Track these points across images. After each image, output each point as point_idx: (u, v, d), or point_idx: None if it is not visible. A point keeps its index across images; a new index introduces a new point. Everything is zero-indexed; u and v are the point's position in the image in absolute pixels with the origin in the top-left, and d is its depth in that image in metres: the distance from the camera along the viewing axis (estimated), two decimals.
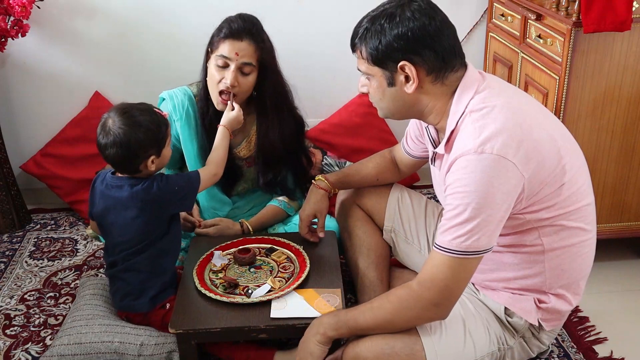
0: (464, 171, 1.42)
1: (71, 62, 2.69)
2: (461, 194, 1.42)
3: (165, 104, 2.17)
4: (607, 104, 2.05)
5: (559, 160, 1.49)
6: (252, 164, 2.25)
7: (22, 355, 1.94)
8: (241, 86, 2.03)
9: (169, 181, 1.81)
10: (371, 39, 1.49)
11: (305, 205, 2.00)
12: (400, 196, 2.01)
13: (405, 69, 1.48)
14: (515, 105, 1.51)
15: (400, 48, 1.46)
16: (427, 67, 1.48)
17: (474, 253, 1.44)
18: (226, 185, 2.23)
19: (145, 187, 1.77)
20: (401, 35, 1.46)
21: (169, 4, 2.65)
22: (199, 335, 1.68)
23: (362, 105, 2.82)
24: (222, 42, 2.01)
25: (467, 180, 1.41)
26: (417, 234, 1.97)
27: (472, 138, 1.43)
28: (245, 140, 2.22)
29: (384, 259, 1.99)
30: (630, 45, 1.98)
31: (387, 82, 1.52)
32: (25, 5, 2.35)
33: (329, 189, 2.00)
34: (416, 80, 1.49)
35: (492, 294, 1.68)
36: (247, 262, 1.90)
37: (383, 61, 1.49)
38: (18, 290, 2.25)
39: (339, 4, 2.70)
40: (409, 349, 1.57)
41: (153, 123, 1.76)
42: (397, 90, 1.52)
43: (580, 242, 1.59)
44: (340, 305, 1.71)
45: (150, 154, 1.77)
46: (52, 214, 2.78)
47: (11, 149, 2.68)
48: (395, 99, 1.55)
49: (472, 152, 1.41)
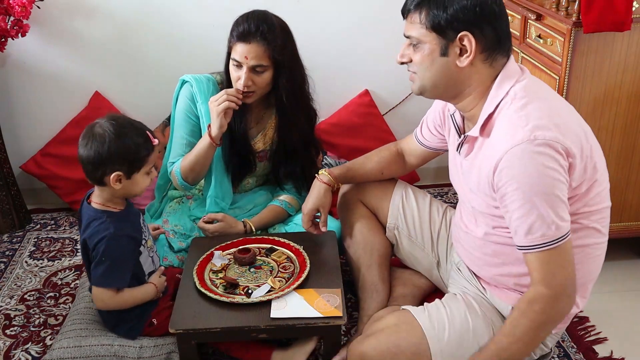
0: (520, 162, 1.41)
1: (71, 62, 2.69)
2: (527, 186, 1.41)
3: (188, 86, 2.17)
4: (607, 104, 2.05)
5: (592, 156, 1.49)
6: (264, 159, 2.25)
7: (22, 355, 1.94)
8: (257, 84, 2.05)
9: (111, 251, 1.69)
10: (435, 4, 1.47)
11: (308, 199, 1.97)
12: (405, 193, 1.99)
13: (464, 41, 1.46)
14: (553, 99, 1.53)
15: (465, 19, 1.45)
16: (484, 44, 1.48)
17: (564, 236, 1.44)
18: (236, 175, 2.23)
19: (96, 228, 1.70)
20: (469, 7, 1.45)
21: (169, 4, 2.65)
22: (199, 335, 1.68)
23: (362, 105, 2.82)
24: (234, 44, 2.03)
25: (528, 171, 1.41)
26: (421, 232, 1.97)
27: (521, 126, 1.42)
28: (261, 133, 2.23)
29: (386, 258, 1.99)
30: (630, 45, 1.98)
31: (440, 51, 1.49)
32: (25, 5, 2.35)
33: (333, 184, 1.97)
34: (473, 54, 1.47)
35: (500, 294, 1.67)
36: (247, 262, 1.90)
37: (444, 29, 1.47)
38: (18, 290, 2.25)
39: (338, 3, 2.71)
40: (415, 347, 1.57)
41: (134, 140, 1.68)
42: (447, 62, 1.50)
43: (595, 244, 1.58)
44: (340, 305, 1.71)
45: (115, 169, 1.67)
46: (52, 214, 2.78)
47: (11, 149, 2.68)
48: (442, 70, 1.51)
49: (526, 141, 1.40)
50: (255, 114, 2.21)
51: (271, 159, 2.27)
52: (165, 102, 2.41)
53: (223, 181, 2.20)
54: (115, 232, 1.70)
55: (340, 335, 1.78)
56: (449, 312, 1.65)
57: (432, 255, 1.96)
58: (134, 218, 1.80)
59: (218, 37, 2.18)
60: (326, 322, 1.69)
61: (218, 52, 2.15)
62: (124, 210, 1.77)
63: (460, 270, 1.82)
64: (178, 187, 2.18)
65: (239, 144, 2.17)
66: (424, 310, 1.66)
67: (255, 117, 2.22)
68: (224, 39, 2.08)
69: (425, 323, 1.62)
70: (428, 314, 1.64)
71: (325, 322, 1.68)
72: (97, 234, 1.70)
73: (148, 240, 1.83)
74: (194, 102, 2.16)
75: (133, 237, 1.75)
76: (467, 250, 1.73)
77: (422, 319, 1.63)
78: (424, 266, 2.00)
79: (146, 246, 1.80)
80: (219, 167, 2.18)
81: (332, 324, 1.69)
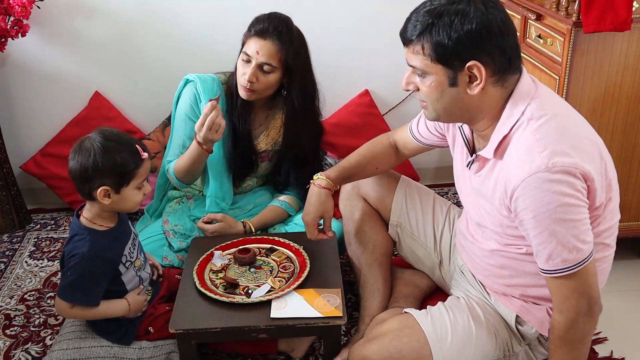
0: (537, 192, 1.36)
1: (71, 62, 2.69)
2: (545, 215, 1.36)
3: (192, 85, 2.17)
4: (607, 104, 2.05)
5: (607, 175, 1.46)
6: (266, 160, 2.25)
7: (22, 355, 1.94)
8: (260, 83, 2.05)
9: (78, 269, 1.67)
10: (437, 34, 1.36)
11: (309, 207, 1.86)
12: (408, 190, 1.97)
13: (472, 69, 1.38)
14: (567, 114, 1.47)
15: (471, 46, 1.36)
16: (494, 68, 1.39)
17: (587, 258, 1.40)
18: (238, 175, 2.24)
19: (74, 244, 1.69)
20: (474, 31, 1.34)
21: (169, 4, 2.65)
22: (199, 335, 1.68)
23: (362, 105, 2.82)
24: (249, 39, 2.04)
25: (546, 200, 1.35)
26: (424, 230, 1.95)
27: (538, 152, 1.36)
28: (264, 134, 2.24)
29: (387, 256, 1.99)
30: (630, 45, 1.98)
31: (449, 81, 1.41)
32: (25, 5, 2.35)
33: (332, 187, 1.88)
34: (483, 82, 1.39)
35: (505, 301, 1.66)
36: (247, 262, 1.90)
37: (450, 59, 1.38)
38: (18, 290, 2.25)
39: (338, 3, 2.71)
40: (417, 353, 1.57)
41: (122, 154, 1.64)
42: (457, 91, 1.42)
43: (603, 257, 1.56)
44: (340, 305, 1.71)
45: (103, 183, 1.64)
46: (52, 214, 2.78)
47: (11, 149, 2.68)
48: (454, 100, 1.44)
49: (543, 170, 1.34)
50: (259, 115, 2.22)
51: (273, 159, 2.27)
52: (165, 102, 2.41)
53: (223, 182, 2.20)
54: (88, 253, 1.67)
55: (340, 335, 1.78)
56: (452, 318, 1.64)
57: (434, 255, 1.95)
58: (121, 238, 1.76)
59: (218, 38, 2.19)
60: (326, 322, 1.69)
61: (218, 52, 2.15)
62: (112, 228, 1.73)
63: (463, 273, 1.81)
64: (175, 185, 2.18)
65: (242, 145, 2.18)
66: (427, 314, 1.66)
67: (259, 118, 2.23)
68: (224, 40, 2.08)
69: (428, 328, 1.61)
70: (431, 318, 1.64)
71: (325, 322, 1.68)
72: (72, 250, 1.69)
73: (136, 260, 1.79)
74: (196, 103, 2.16)
75: (109, 259, 1.71)
76: (473, 259, 1.72)
77: (425, 324, 1.62)
78: (426, 265, 1.99)
79: (132, 266, 1.77)
80: (219, 168, 2.18)
81: (332, 324, 1.69)
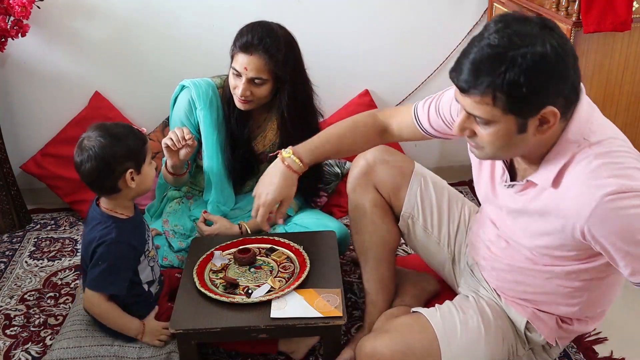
0: (611, 220, 1.28)
1: (71, 62, 2.69)
2: (621, 243, 1.31)
3: (187, 91, 2.17)
4: (607, 104, 2.05)
5: None
6: (265, 161, 2.26)
7: (22, 355, 1.94)
8: (255, 95, 2.05)
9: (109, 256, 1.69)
10: (510, 83, 1.22)
11: (271, 187, 1.73)
12: (423, 181, 1.86)
13: (547, 115, 1.26)
14: (617, 131, 1.41)
15: (548, 92, 1.24)
16: (564, 105, 1.29)
17: None
18: (238, 180, 2.25)
19: (99, 231, 1.71)
20: (553, 76, 1.23)
21: (168, 4, 2.65)
22: (199, 335, 1.68)
23: (362, 105, 2.82)
24: (236, 54, 2.02)
25: (623, 226, 1.29)
26: (438, 224, 1.87)
27: (604, 177, 1.28)
28: (261, 135, 2.24)
29: (394, 252, 1.94)
30: (630, 45, 1.99)
31: (517, 129, 1.29)
32: (25, 5, 2.35)
33: (301, 172, 1.76)
34: (556, 124, 1.29)
35: (517, 306, 1.65)
36: (247, 262, 1.90)
37: (524, 108, 1.26)
38: (18, 290, 2.25)
39: (338, 3, 2.71)
40: (426, 349, 1.57)
41: (129, 136, 1.70)
42: (525, 136, 1.31)
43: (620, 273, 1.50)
44: (340, 305, 1.71)
45: (127, 167, 1.68)
46: (52, 214, 2.78)
47: (11, 149, 2.68)
48: (519, 144, 1.33)
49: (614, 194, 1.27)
50: (256, 118, 2.22)
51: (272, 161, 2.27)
52: (165, 102, 2.41)
53: (224, 188, 2.21)
54: (117, 238, 1.70)
55: (340, 335, 1.78)
56: (462, 318, 1.63)
57: (447, 252, 1.89)
58: (140, 227, 1.81)
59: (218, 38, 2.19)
60: (326, 322, 1.68)
61: (218, 52, 2.15)
62: (131, 217, 1.78)
63: (473, 273, 1.78)
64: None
65: (241, 150, 2.19)
66: (437, 313, 1.66)
67: (257, 121, 2.23)
68: (224, 40, 2.08)
69: (438, 326, 1.61)
70: (441, 317, 1.64)
71: (325, 322, 1.68)
72: (99, 238, 1.71)
73: (151, 251, 1.83)
74: (190, 111, 2.17)
75: (134, 245, 1.75)
76: (486, 266, 1.70)
77: (435, 322, 1.62)
78: (436, 260, 1.93)
79: (147, 256, 1.81)
80: (220, 176, 2.19)
81: (332, 324, 1.69)
